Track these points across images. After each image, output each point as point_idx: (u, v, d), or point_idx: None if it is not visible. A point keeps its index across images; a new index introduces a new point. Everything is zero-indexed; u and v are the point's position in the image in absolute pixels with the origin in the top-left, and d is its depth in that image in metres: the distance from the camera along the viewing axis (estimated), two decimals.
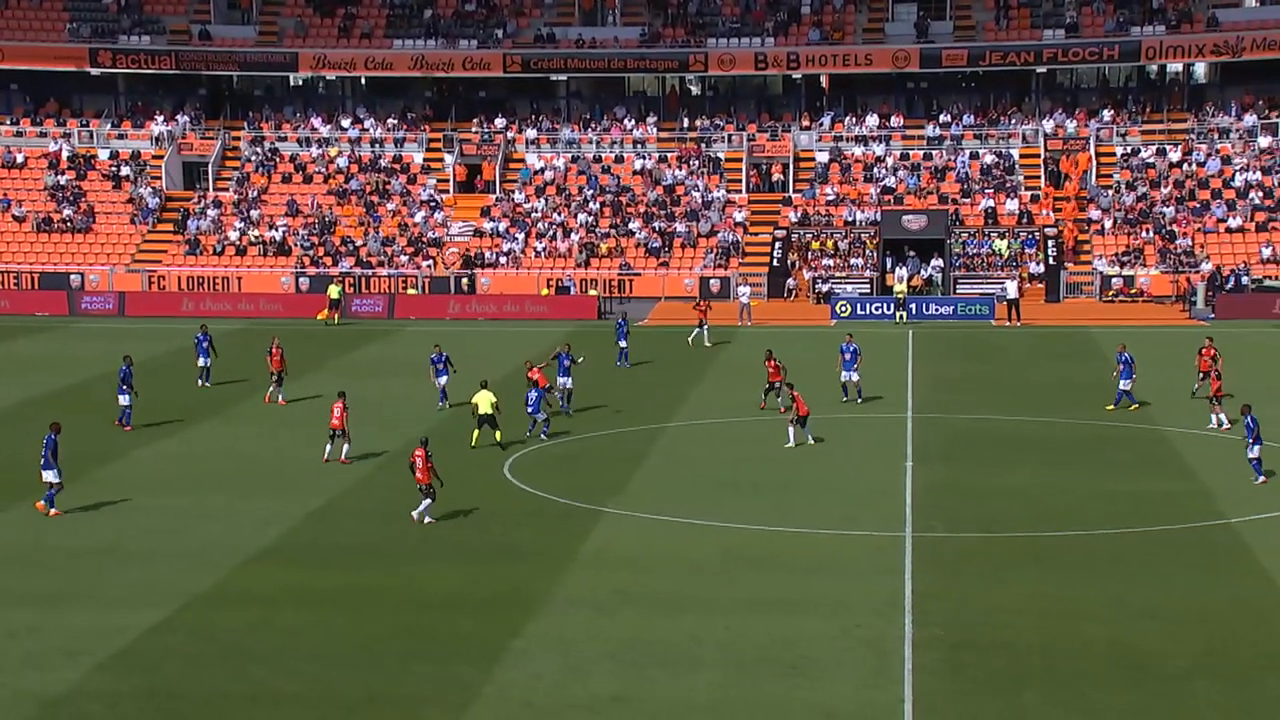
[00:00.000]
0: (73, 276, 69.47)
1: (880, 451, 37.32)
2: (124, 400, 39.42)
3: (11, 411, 43.07)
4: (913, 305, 63.25)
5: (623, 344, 49.95)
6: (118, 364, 41.18)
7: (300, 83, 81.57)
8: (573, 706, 21.07)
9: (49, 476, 30.55)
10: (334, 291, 63.67)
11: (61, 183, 75.33)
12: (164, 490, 33.38)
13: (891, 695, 21.43)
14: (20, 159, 76.75)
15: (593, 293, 66.67)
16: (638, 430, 39.52)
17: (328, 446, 35.90)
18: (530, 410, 37.95)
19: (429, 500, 30.30)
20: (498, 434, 37.03)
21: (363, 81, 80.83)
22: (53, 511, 30.57)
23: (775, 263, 69.02)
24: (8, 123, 78.95)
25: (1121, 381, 41.78)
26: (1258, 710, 20.92)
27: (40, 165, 76.64)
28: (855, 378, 42.68)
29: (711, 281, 68.22)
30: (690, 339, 54.78)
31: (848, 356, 42.79)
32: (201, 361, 45.76)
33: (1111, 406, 41.77)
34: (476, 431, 37.07)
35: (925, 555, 28.19)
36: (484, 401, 36.78)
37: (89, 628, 24.20)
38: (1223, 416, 38.99)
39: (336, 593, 26.21)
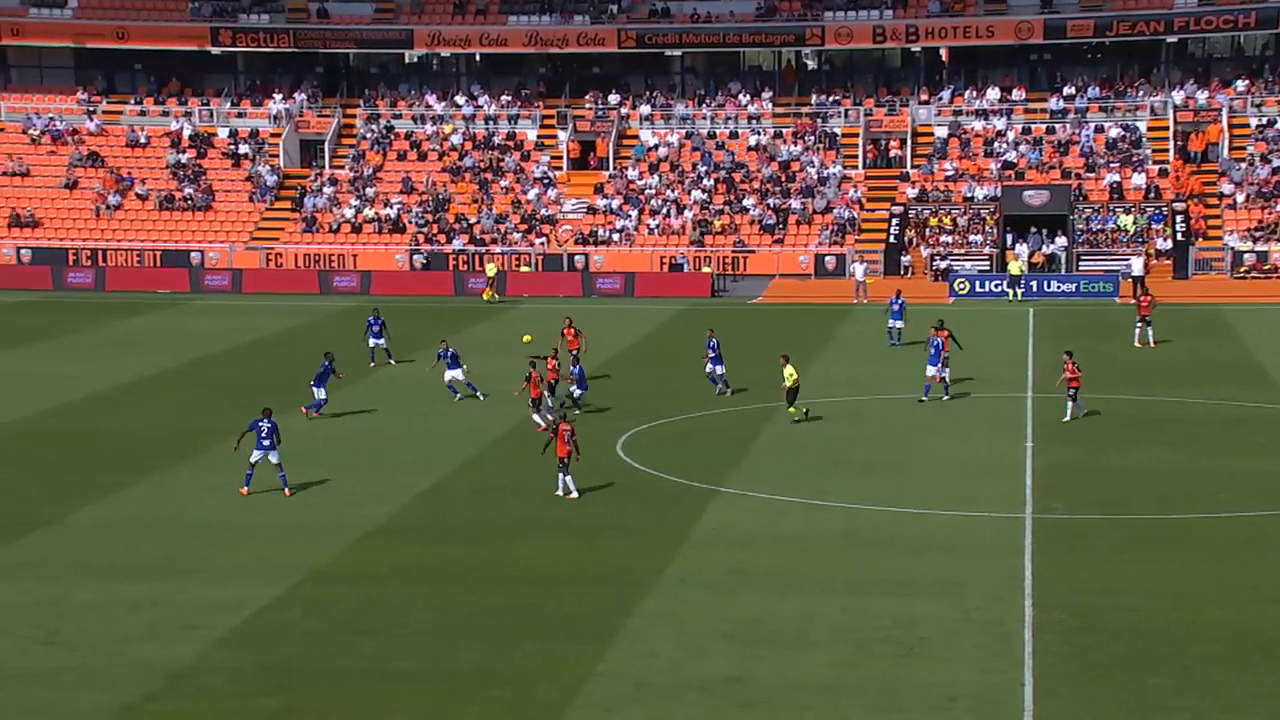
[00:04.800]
0: (193, 254, 70.76)
1: (999, 431, 36.82)
2: (320, 394, 38.87)
3: (131, 387, 43.92)
4: (1033, 283, 62.29)
5: (899, 324, 48.55)
6: (234, 340, 41.74)
7: (415, 60, 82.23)
8: (688, 686, 21.01)
9: (273, 458, 30.86)
10: (490, 269, 64.10)
11: (183, 161, 76.74)
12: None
13: (1011, 678, 21.12)
14: (144, 138, 78.30)
15: (706, 270, 66.49)
16: (752, 409, 39.34)
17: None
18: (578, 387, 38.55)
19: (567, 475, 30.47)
20: (791, 409, 37.23)
21: (477, 58, 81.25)
22: (286, 491, 30.99)
23: (892, 239, 68.35)
24: (132, 102, 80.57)
25: None
26: None
27: (163, 144, 78.12)
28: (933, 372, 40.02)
29: (827, 259, 67.73)
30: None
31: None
32: (372, 342, 46.20)
33: None
34: (790, 408, 37.21)
35: (1046, 536, 27.75)
36: (789, 376, 37.01)
37: (208, 602, 24.62)
38: None
39: (448, 569, 26.42)
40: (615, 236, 70.23)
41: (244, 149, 77.34)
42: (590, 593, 24.92)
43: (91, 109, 79.53)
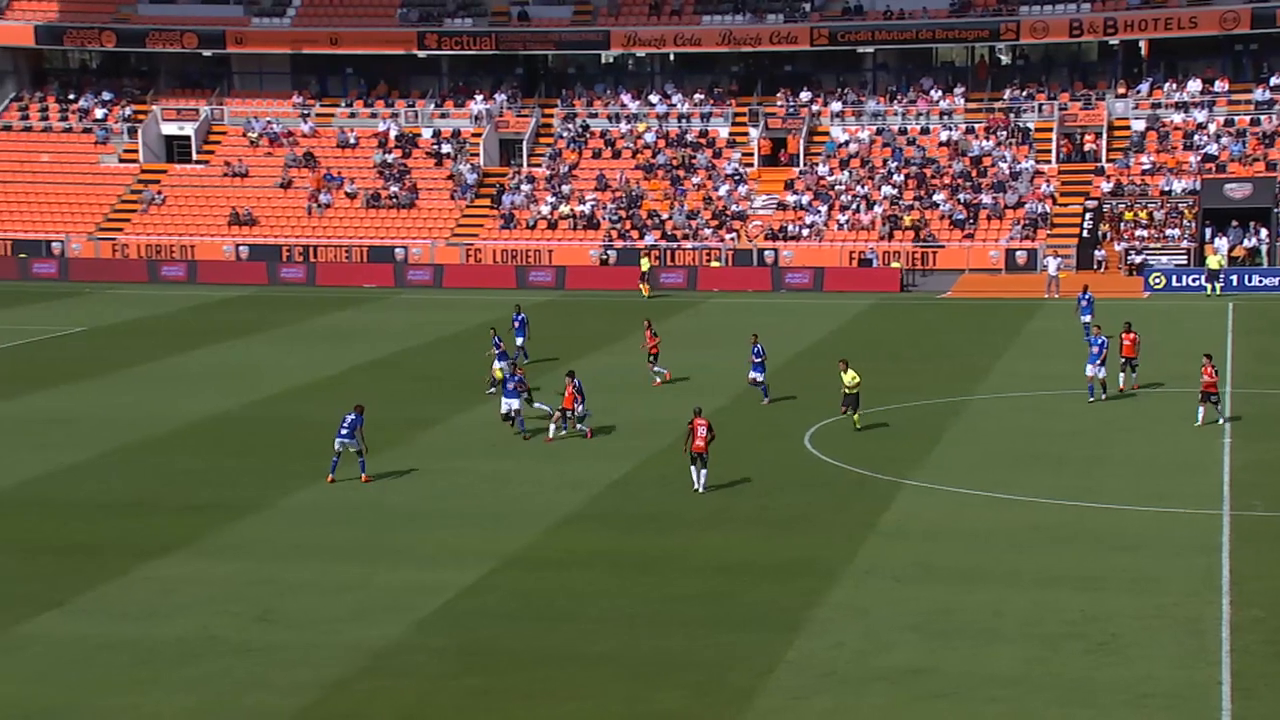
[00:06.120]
0: (397, 250, 72.47)
1: (1195, 427, 35.70)
2: (514, 404, 37.26)
3: (339, 378, 45.13)
4: (1234, 277, 60.30)
5: (1088, 318, 47.26)
6: (435, 333, 42.34)
7: (611, 60, 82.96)
8: (875, 677, 20.91)
9: (352, 447, 31.89)
10: (644, 264, 64.56)
11: (389, 161, 78.66)
12: (475, 455, 34.53)
13: (1208, 676, 20.54)
14: (353, 139, 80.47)
15: (895, 265, 65.80)
16: (940, 403, 38.87)
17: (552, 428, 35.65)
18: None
19: (704, 469, 30.38)
20: (855, 416, 36.02)
21: (671, 58, 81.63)
22: (363, 477, 32.07)
23: (1085, 234, 66.73)
24: (343, 105, 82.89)
25: None
26: None
27: (370, 145, 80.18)
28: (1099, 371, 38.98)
29: (1018, 254, 66.46)
30: None
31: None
32: (518, 340, 46.43)
33: None
34: (855, 413, 36.01)
35: (1245, 534, 26.91)
36: (849, 380, 36.36)
37: (411, 584, 25.25)
38: None
39: (640, 557, 26.68)
40: (805, 232, 69.93)
41: (446, 148, 78.96)
42: (778, 583, 24.93)
43: (305, 112, 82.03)
